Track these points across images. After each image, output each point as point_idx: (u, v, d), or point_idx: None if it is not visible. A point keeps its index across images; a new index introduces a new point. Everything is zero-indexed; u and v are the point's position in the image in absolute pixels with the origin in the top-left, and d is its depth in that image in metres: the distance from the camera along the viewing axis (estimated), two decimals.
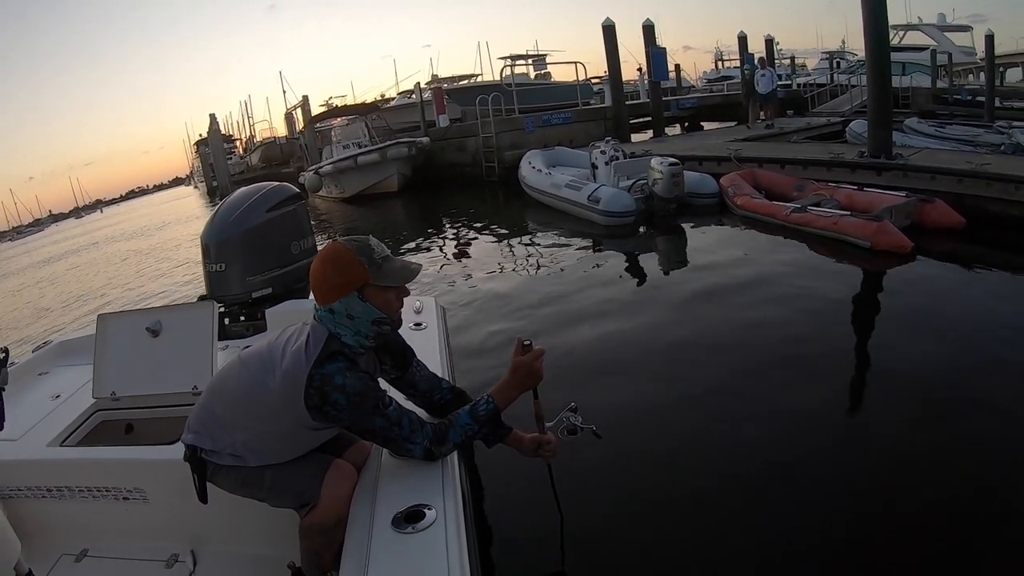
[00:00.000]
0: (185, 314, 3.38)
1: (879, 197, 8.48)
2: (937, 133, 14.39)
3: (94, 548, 2.91)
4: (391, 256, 2.23)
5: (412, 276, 2.25)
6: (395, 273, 2.20)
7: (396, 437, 2.14)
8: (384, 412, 2.11)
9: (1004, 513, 3.16)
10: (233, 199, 4.30)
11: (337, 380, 2.06)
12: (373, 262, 2.15)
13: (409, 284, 2.28)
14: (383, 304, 2.18)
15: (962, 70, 30.93)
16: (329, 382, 2.05)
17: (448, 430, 2.22)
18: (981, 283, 6.57)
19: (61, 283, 18.95)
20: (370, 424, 2.11)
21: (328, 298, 2.15)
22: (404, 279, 2.22)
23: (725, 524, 3.28)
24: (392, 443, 2.17)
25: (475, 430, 2.27)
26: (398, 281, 2.21)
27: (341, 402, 2.06)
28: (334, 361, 2.09)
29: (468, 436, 2.27)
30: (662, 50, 18.64)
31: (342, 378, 2.06)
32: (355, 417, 2.09)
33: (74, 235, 46.24)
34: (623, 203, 10.33)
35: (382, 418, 2.10)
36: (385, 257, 2.20)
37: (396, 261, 2.23)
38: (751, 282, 6.96)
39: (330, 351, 2.11)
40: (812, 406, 4.30)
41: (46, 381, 3.70)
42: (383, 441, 2.17)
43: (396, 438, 2.14)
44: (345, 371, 2.08)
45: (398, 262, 2.24)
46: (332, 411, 2.07)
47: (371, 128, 23.03)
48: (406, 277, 2.23)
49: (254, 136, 52.02)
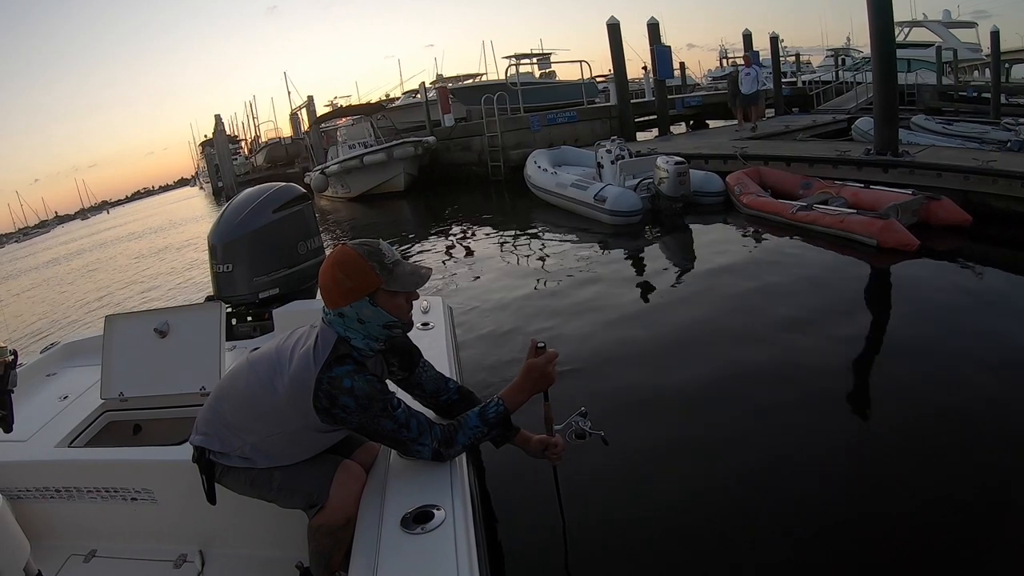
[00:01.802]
0: (192, 315, 3.39)
1: (885, 195, 8.46)
2: (944, 130, 14.34)
3: (103, 549, 2.92)
4: (402, 260, 2.23)
5: (423, 281, 2.25)
6: (406, 278, 2.20)
7: (404, 439, 2.13)
8: (392, 415, 2.10)
9: (1012, 511, 3.15)
10: (240, 200, 4.31)
11: (346, 383, 2.06)
12: (384, 267, 2.15)
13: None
14: (394, 309, 2.18)
15: (967, 67, 30.80)
16: (338, 385, 2.06)
17: (457, 432, 2.21)
18: (987, 280, 6.54)
19: (68, 284, 19.01)
20: (378, 426, 2.11)
21: (338, 302, 2.15)
22: (415, 285, 2.23)
23: (730, 523, 3.27)
24: (400, 444, 2.16)
25: (484, 432, 2.26)
26: (409, 287, 2.21)
27: (350, 405, 2.06)
28: (342, 364, 2.10)
29: (476, 438, 2.26)
30: (667, 48, 18.56)
31: (350, 381, 2.06)
32: (364, 420, 2.09)
33: (80, 236, 46.39)
34: (629, 202, 10.33)
35: (390, 420, 2.10)
36: (396, 262, 2.20)
37: (407, 266, 2.23)
38: (758, 281, 6.95)
39: (339, 354, 2.11)
40: (819, 405, 4.30)
41: (54, 382, 3.72)
42: (391, 443, 2.17)
43: (404, 440, 2.13)
44: (353, 374, 2.08)
45: (409, 267, 2.24)
46: (341, 414, 2.08)
47: (376, 128, 23.05)
48: (417, 283, 2.23)
49: (259, 137, 52.20)
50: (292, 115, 37.55)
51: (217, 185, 40.86)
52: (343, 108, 29.08)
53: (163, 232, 29.46)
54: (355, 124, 24.61)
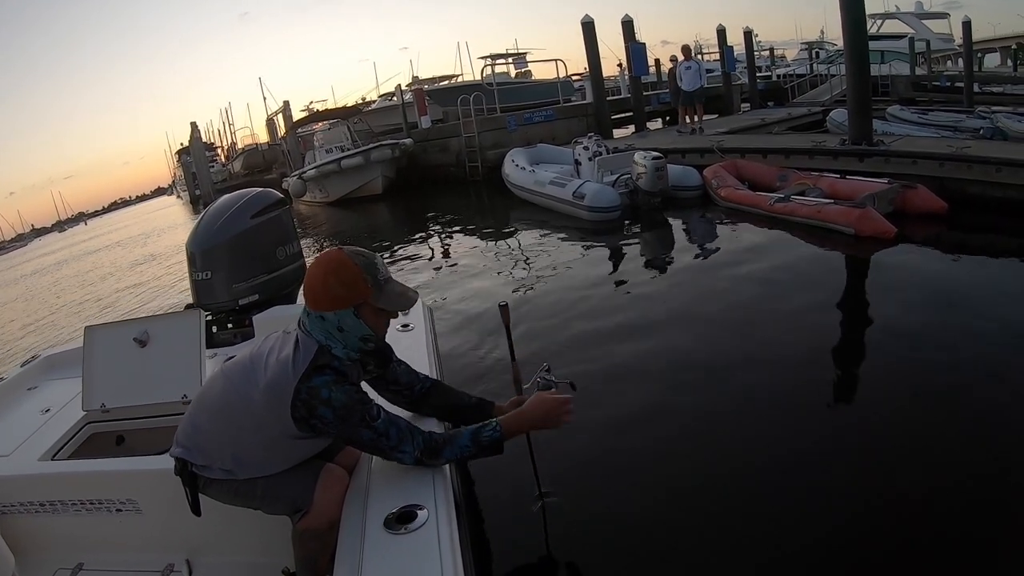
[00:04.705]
0: (172, 323, 3.37)
1: (861, 184, 8.53)
2: (919, 120, 14.49)
3: (89, 562, 2.90)
4: (393, 279, 2.24)
5: (410, 304, 2.27)
6: (395, 298, 2.21)
7: (384, 447, 2.13)
8: (372, 425, 2.10)
9: (998, 494, 3.19)
10: (217, 206, 4.29)
11: (323, 394, 2.05)
12: (377, 283, 2.16)
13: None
14: (375, 324, 2.19)
15: (940, 57, 31.15)
16: (316, 395, 2.05)
17: (444, 447, 2.20)
18: (963, 266, 6.63)
19: (46, 296, 18.84)
20: (357, 436, 2.11)
21: (323, 306, 2.14)
22: (402, 307, 2.25)
23: (713, 515, 3.30)
24: (381, 452, 2.16)
25: (472, 453, 2.25)
26: (395, 307, 2.23)
27: (328, 416, 2.06)
28: (322, 374, 2.09)
29: (464, 456, 2.26)
30: (641, 45, 18.63)
31: (328, 392, 2.06)
32: (342, 430, 2.10)
33: (58, 248, 45.98)
34: (608, 198, 10.35)
35: (369, 431, 2.10)
36: (388, 279, 2.21)
37: (397, 285, 2.24)
38: (737, 272, 7.00)
39: (319, 364, 2.10)
40: (800, 393, 4.34)
41: (35, 395, 3.68)
42: (371, 451, 2.18)
43: (384, 448, 2.13)
44: (331, 384, 2.08)
45: (399, 286, 2.24)
46: (319, 424, 2.08)
47: (353, 131, 22.96)
48: (405, 305, 2.25)
49: (236, 143, 51.72)
50: (268, 121, 37.35)
51: (195, 193, 40.54)
52: (319, 113, 28.98)
53: (141, 241, 29.26)
54: (332, 128, 24.55)
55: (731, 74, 22.32)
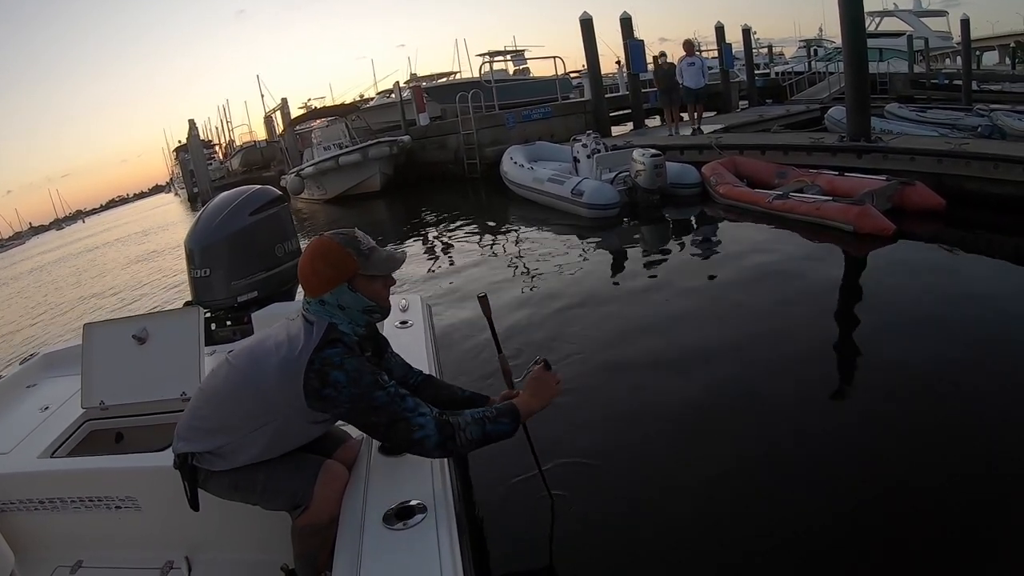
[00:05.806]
0: (171, 320, 3.38)
1: (860, 182, 8.52)
2: (918, 117, 14.46)
3: (88, 559, 2.91)
4: (377, 247, 2.28)
5: (398, 264, 2.31)
6: (382, 262, 2.25)
7: (400, 412, 2.07)
8: (385, 387, 2.09)
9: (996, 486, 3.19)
10: (215, 203, 4.29)
11: (336, 360, 2.08)
12: (361, 253, 2.20)
13: (394, 285, 2.34)
14: (372, 293, 2.23)
15: (939, 55, 31.14)
16: (328, 362, 2.07)
17: (463, 414, 2.18)
18: (962, 262, 6.64)
19: (45, 294, 18.80)
20: (372, 400, 2.07)
21: (318, 290, 2.19)
22: (391, 268, 2.29)
23: (716, 517, 3.29)
24: (398, 422, 2.07)
25: (492, 415, 2.23)
26: (386, 270, 2.27)
27: (340, 380, 2.06)
28: (333, 347, 2.11)
29: (486, 421, 2.20)
30: (640, 42, 18.61)
31: (340, 359, 2.08)
32: (355, 393, 2.06)
33: (56, 246, 45.86)
34: (607, 196, 10.34)
35: (383, 392, 2.08)
36: (372, 248, 2.25)
37: (382, 251, 2.29)
38: (736, 270, 7.01)
39: (330, 338, 2.13)
40: (799, 390, 4.34)
41: (34, 393, 3.69)
42: (387, 420, 2.08)
43: (401, 413, 2.07)
44: (344, 354, 2.10)
45: (384, 252, 2.29)
46: (331, 392, 2.06)
47: (351, 129, 22.90)
48: (393, 266, 2.29)
49: (234, 141, 51.61)
50: (266, 118, 37.25)
51: (192, 191, 40.51)
52: (317, 110, 28.88)
53: (139, 239, 29.19)
54: (329, 125, 24.46)
55: (729, 71, 22.27)
